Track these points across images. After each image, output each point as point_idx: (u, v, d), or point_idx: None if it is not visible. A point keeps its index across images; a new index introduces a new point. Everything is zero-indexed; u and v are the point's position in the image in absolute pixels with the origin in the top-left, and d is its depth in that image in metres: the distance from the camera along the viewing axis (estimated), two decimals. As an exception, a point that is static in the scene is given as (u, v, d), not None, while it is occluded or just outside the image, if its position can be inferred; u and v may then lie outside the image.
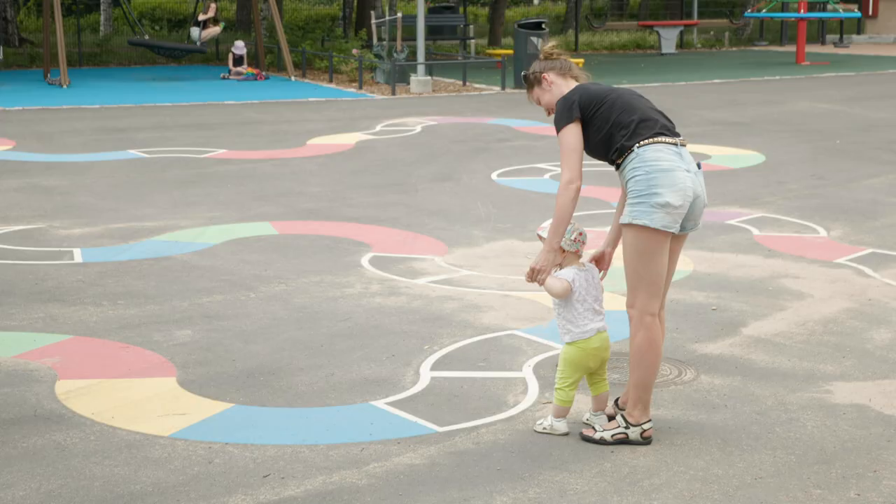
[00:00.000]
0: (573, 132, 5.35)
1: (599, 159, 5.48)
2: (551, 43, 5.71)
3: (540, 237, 5.45)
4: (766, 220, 10.50)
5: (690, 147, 14.84)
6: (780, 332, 7.18)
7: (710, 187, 12.13)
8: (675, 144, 5.35)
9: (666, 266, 5.39)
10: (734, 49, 35.26)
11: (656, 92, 22.49)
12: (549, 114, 5.57)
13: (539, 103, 5.61)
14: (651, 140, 5.30)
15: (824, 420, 5.71)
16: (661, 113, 5.48)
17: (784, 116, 18.54)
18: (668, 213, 5.23)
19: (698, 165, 5.42)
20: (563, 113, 5.37)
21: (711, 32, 37.38)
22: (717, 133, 16.61)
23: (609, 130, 5.34)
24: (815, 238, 9.82)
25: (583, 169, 5.35)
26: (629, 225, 5.29)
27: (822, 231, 10.07)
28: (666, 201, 5.21)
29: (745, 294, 8.05)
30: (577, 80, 5.56)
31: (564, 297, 5.37)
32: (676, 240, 5.44)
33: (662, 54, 32.21)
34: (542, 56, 5.63)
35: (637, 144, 5.29)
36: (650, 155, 5.27)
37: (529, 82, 5.61)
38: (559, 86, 5.53)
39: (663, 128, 5.38)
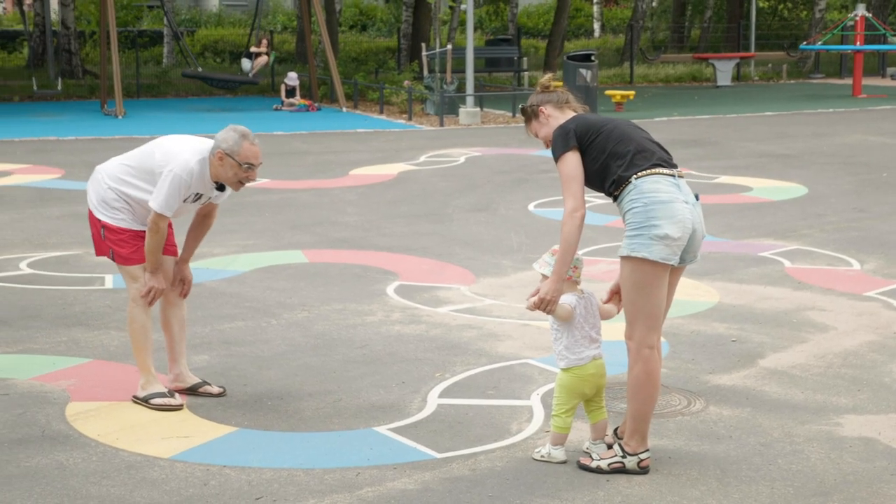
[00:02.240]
0: (572, 160, 5.35)
1: (595, 190, 5.47)
2: (548, 75, 5.74)
3: (543, 276, 5.42)
4: (799, 253, 10.41)
5: (732, 180, 14.93)
6: (798, 365, 7.12)
7: (748, 219, 12.23)
8: (673, 176, 5.33)
9: (664, 299, 5.36)
10: (791, 82, 35.02)
11: (706, 124, 22.43)
12: (546, 146, 5.58)
13: (537, 136, 5.62)
14: (648, 171, 5.29)
15: (829, 453, 5.65)
16: (657, 144, 5.47)
17: (833, 149, 18.39)
18: (666, 245, 5.20)
19: (696, 197, 5.40)
20: (560, 141, 5.38)
21: (769, 65, 37.16)
22: (763, 165, 16.51)
23: (605, 161, 5.34)
24: (848, 271, 9.73)
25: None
26: (627, 257, 5.27)
27: (855, 264, 9.98)
28: (665, 233, 5.19)
29: (767, 326, 8.00)
30: (574, 112, 5.57)
31: (569, 321, 5.37)
32: (675, 272, 5.41)
33: (718, 87, 32.08)
34: (538, 89, 5.65)
35: (634, 176, 5.28)
36: (648, 186, 5.26)
37: (527, 115, 5.62)
38: (556, 118, 5.53)
39: (660, 159, 5.36)
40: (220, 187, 6.22)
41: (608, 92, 25.46)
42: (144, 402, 6.20)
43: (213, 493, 5.10)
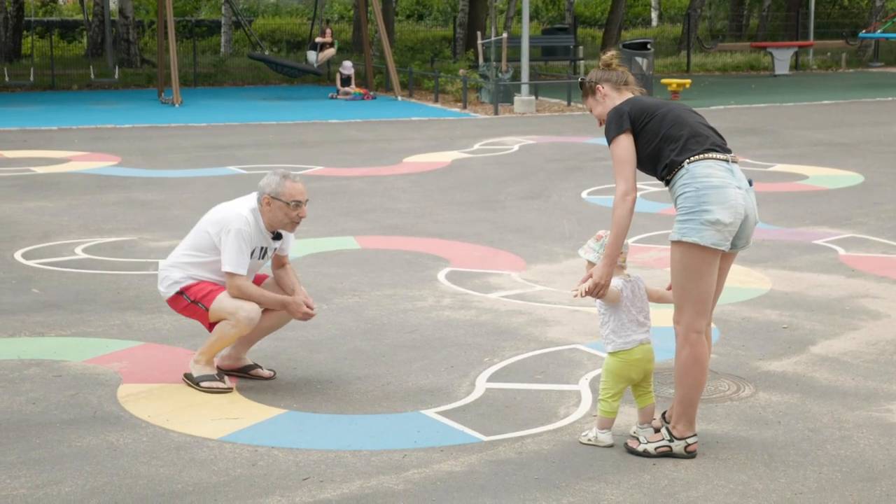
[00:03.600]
0: (625, 143, 5.33)
1: (648, 174, 5.45)
2: (610, 53, 5.69)
3: (590, 262, 5.41)
4: (854, 241, 10.31)
5: (788, 168, 14.80)
6: (849, 352, 7.06)
7: (803, 207, 12.13)
8: (727, 161, 5.29)
9: (714, 284, 5.33)
10: (850, 70, 34.63)
11: (762, 113, 22.25)
12: (600, 124, 5.56)
13: (592, 112, 5.62)
14: (701, 156, 5.25)
15: (878, 438, 5.61)
16: (712, 129, 5.43)
17: (890, 138, 18.17)
18: (718, 230, 5.17)
19: (750, 182, 5.36)
20: (614, 124, 5.36)
21: (828, 54, 36.75)
22: (818, 154, 16.36)
23: (658, 144, 5.31)
24: (903, 259, 9.63)
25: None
26: (678, 242, 5.25)
27: (911, 252, 9.87)
28: (716, 218, 5.16)
29: (819, 313, 7.93)
30: (632, 94, 5.54)
31: (616, 303, 5.36)
32: (726, 258, 5.37)
33: (775, 76, 31.78)
34: (600, 65, 5.62)
35: (687, 160, 5.25)
36: (701, 171, 5.22)
37: (585, 90, 5.61)
38: (612, 98, 5.52)
39: (714, 144, 5.32)
40: (276, 237, 6.31)
41: (664, 80, 25.31)
42: (195, 383, 6.28)
43: (261, 474, 5.16)
